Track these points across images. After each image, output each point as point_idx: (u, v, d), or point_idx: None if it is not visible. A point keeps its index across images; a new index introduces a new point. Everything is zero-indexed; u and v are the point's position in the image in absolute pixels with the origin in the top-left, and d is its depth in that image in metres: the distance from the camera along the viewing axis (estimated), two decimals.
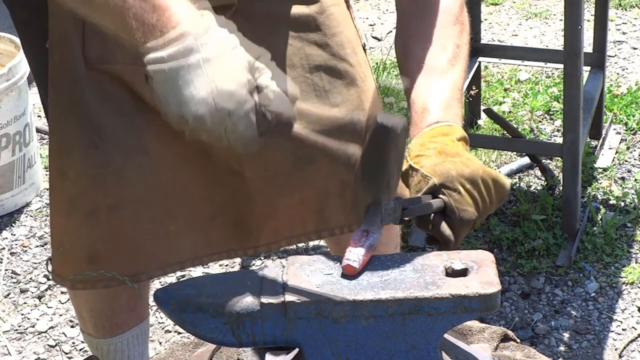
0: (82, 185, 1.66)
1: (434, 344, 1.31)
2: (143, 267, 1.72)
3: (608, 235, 2.98)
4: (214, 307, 1.30)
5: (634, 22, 4.34)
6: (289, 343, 1.33)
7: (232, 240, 1.76)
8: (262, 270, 1.36)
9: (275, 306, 1.29)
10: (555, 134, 3.54)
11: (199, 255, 1.75)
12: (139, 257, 1.71)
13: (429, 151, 1.47)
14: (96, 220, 1.67)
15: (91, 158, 1.62)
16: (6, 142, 3.22)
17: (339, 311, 1.29)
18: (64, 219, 1.71)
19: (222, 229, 1.74)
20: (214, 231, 1.73)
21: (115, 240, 1.69)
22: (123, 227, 1.68)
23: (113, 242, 1.69)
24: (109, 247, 1.69)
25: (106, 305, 1.90)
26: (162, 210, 1.68)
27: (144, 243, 1.70)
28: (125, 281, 1.69)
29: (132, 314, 1.94)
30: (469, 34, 1.69)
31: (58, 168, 1.69)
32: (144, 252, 1.71)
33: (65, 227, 1.71)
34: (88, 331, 1.98)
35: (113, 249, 1.69)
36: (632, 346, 2.66)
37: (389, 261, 1.36)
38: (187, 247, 1.73)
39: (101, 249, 1.69)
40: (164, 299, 1.33)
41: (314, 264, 1.36)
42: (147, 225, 1.69)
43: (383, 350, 1.31)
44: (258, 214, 1.74)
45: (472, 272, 1.33)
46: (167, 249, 1.72)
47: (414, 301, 1.28)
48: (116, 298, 1.88)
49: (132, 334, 1.95)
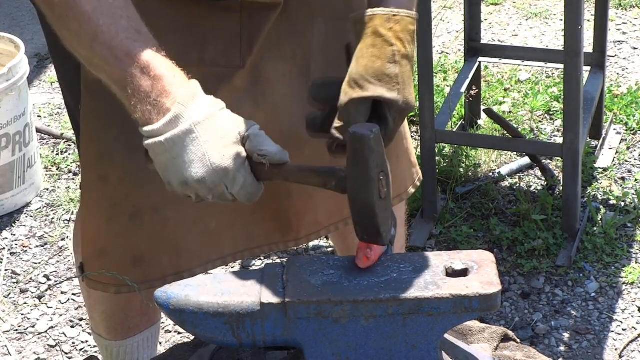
0: (126, 188, 1.66)
1: (434, 344, 1.31)
2: (185, 264, 1.72)
3: (608, 235, 2.98)
4: (214, 307, 1.30)
5: (634, 22, 4.34)
6: (289, 343, 1.33)
7: (273, 234, 1.77)
8: (262, 270, 1.36)
9: (275, 306, 1.29)
10: (555, 134, 3.54)
11: (240, 249, 1.76)
12: (181, 255, 1.72)
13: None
14: (140, 222, 1.68)
15: (134, 160, 1.60)
16: (6, 142, 3.22)
17: (339, 311, 1.29)
18: (105, 224, 1.70)
19: (263, 223, 1.75)
20: (255, 226, 1.75)
21: (159, 241, 1.70)
22: (166, 227, 1.69)
23: (156, 243, 1.70)
24: (152, 248, 1.70)
25: (120, 309, 1.90)
26: (203, 208, 1.67)
27: (185, 241, 1.71)
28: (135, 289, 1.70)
29: (145, 318, 1.94)
30: None
31: (98, 173, 1.68)
32: (186, 251, 1.72)
33: (108, 232, 1.70)
34: (99, 332, 1.98)
35: (157, 249, 1.70)
36: (632, 346, 2.66)
37: (389, 261, 1.36)
38: (228, 243, 1.74)
39: (145, 250, 1.70)
40: (164, 299, 1.33)
41: (314, 264, 1.37)
42: (189, 224, 1.70)
43: (383, 351, 1.31)
44: (297, 207, 1.75)
45: (472, 272, 1.33)
46: (208, 246, 1.73)
47: (414, 301, 1.28)
48: (130, 301, 1.88)
49: (143, 337, 1.95)
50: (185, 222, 1.70)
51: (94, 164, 1.68)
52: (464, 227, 3.05)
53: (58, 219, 3.27)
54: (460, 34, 4.12)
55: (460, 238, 3.01)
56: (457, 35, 4.29)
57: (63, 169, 3.52)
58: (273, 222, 1.76)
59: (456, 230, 3.05)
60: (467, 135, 3.35)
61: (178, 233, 1.70)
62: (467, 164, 3.30)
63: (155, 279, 1.70)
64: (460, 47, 4.00)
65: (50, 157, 3.57)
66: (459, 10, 4.47)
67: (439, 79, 3.88)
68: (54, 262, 3.09)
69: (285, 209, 1.75)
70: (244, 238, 1.75)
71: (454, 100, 3.22)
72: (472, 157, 3.33)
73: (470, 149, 3.35)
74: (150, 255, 1.71)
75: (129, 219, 1.68)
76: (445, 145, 3.33)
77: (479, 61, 3.41)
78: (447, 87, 3.76)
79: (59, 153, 3.61)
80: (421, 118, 2.99)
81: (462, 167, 3.28)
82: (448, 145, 3.34)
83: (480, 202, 3.18)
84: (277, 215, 1.75)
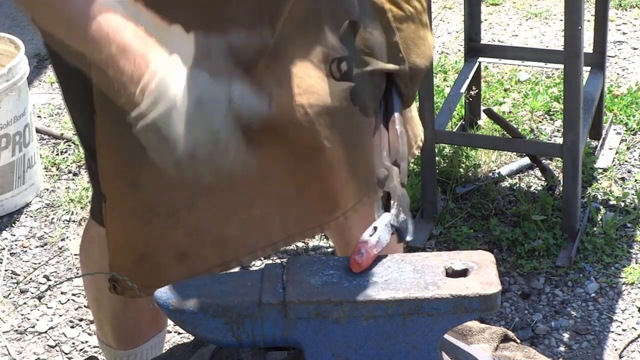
0: (157, 189, 1.63)
1: (434, 344, 1.31)
2: (232, 254, 1.69)
3: (608, 236, 2.98)
4: (214, 307, 1.30)
5: (634, 22, 4.34)
6: (289, 343, 1.33)
7: (322, 214, 1.74)
8: (262, 270, 1.36)
9: (275, 306, 1.29)
10: (555, 134, 3.54)
11: (291, 233, 1.73)
12: (224, 245, 1.69)
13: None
14: (177, 219, 1.65)
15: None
16: (6, 142, 3.22)
17: (339, 311, 1.29)
18: (143, 229, 1.67)
19: (310, 204, 1.72)
20: (303, 208, 1.71)
21: (199, 234, 1.67)
22: (203, 219, 1.66)
23: (197, 237, 1.67)
24: (194, 243, 1.67)
25: (131, 318, 1.89)
26: (243, 196, 1.66)
27: (227, 231, 1.68)
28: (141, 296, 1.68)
29: (153, 325, 1.93)
30: None
31: (126, 182, 1.64)
32: (229, 240, 1.69)
33: (147, 236, 1.67)
34: (108, 342, 1.97)
35: (198, 243, 1.67)
36: (632, 346, 2.66)
37: (389, 261, 1.36)
38: (277, 229, 1.71)
39: (187, 246, 1.67)
40: (164, 299, 1.33)
41: (314, 264, 1.37)
42: (228, 213, 1.67)
43: (383, 351, 1.31)
44: (341, 181, 1.72)
45: (472, 273, 1.33)
46: (255, 233, 1.70)
47: (414, 301, 1.28)
48: (140, 311, 1.86)
49: (151, 344, 1.95)
50: (223, 212, 1.66)
51: (120, 173, 1.64)
52: (464, 228, 3.05)
53: (58, 219, 3.27)
54: (460, 34, 4.12)
55: (460, 238, 3.01)
56: (457, 35, 4.29)
57: (63, 169, 3.52)
58: (321, 200, 1.72)
59: (456, 230, 3.05)
60: (467, 135, 3.35)
61: (217, 224, 1.67)
62: (467, 164, 3.30)
63: (201, 272, 1.67)
64: (460, 47, 4.00)
65: (50, 158, 3.57)
66: (459, 10, 4.47)
67: (439, 79, 3.88)
68: (54, 262, 3.09)
69: (330, 184, 1.71)
70: (293, 221, 1.72)
71: (454, 100, 3.22)
72: (472, 158, 3.33)
73: (470, 149, 3.35)
74: (193, 250, 1.68)
75: (166, 218, 1.65)
76: (445, 145, 3.33)
77: (479, 61, 3.41)
78: (447, 88, 3.76)
79: (58, 153, 3.61)
80: (421, 118, 2.98)
81: (462, 168, 3.28)
82: (448, 146, 3.34)
83: (480, 202, 3.18)
84: (323, 193, 1.72)
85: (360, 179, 1.74)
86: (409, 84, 1.46)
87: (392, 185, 1.40)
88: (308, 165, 1.67)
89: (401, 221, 1.38)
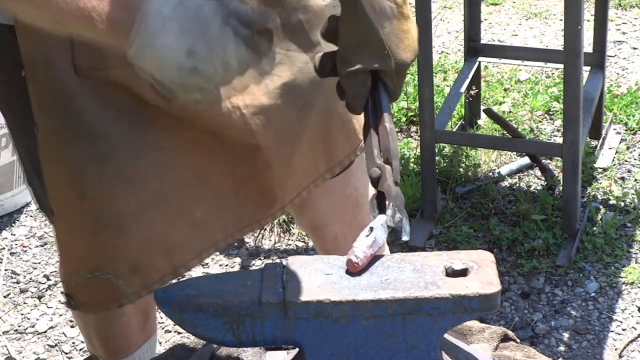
0: (105, 199, 1.61)
1: (434, 344, 1.31)
2: (180, 260, 1.69)
3: (608, 235, 2.98)
4: (214, 307, 1.30)
5: (634, 22, 4.34)
6: (289, 343, 1.33)
7: (259, 210, 1.75)
8: (262, 270, 1.36)
9: (275, 306, 1.29)
10: (555, 134, 3.54)
11: (231, 231, 1.74)
12: (174, 252, 1.69)
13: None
14: (127, 229, 1.63)
15: (107, 169, 1.58)
16: (6, 142, 3.22)
17: (339, 311, 1.29)
18: (93, 240, 1.64)
19: (247, 202, 1.73)
20: (240, 206, 1.72)
21: (149, 243, 1.66)
22: (152, 228, 1.65)
23: (148, 246, 1.66)
24: (145, 252, 1.66)
25: (119, 331, 1.88)
26: (185, 200, 1.66)
27: (175, 237, 1.68)
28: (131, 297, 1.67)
29: (142, 333, 1.93)
30: None
31: (73, 192, 1.62)
32: (178, 246, 1.68)
33: (98, 248, 1.65)
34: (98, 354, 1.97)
35: (150, 252, 1.67)
36: (632, 346, 2.66)
37: (389, 261, 1.36)
38: (218, 228, 1.72)
39: (139, 256, 1.66)
40: (164, 299, 1.33)
41: (314, 263, 1.36)
42: (174, 217, 1.66)
43: (383, 351, 1.31)
44: (278, 177, 1.73)
45: (472, 272, 1.33)
46: (198, 236, 1.70)
47: (414, 301, 1.28)
48: (128, 323, 1.86)
49: (143, 351, 1.94)
50: (170, 217, 1.66)
51: (67, 184, 1.61)
52: (464, 227, 3.05)
53: None
54: (460, 34, 4.12)
55: (460, 238, 3.01)
56: (457, 35, 4.29)
57: None
58: (258, 197, 1.73)
59: (456, 230, 3.05)
60: (467, 135, 3.35)
61: (166, 231, 1.67)
62: (467, 164, 3.30)
63: (154, 282, 1.68)
64: (460, 47, 4.00)
65: None
66: (458, 10, 4.47)
67: (439, 79, 3.88)
68: (54, 262, 3.09)
69: (267, 181, 1.72)
70: (232, 220, 1.73)
71: (454, 100, 3.22)
72: (472, 157, 3.33)
73: (470, 149, 3.35)
74: (145, 260, 1.67)
75: (115, 230, 1.63)
76: (445, 145, 3.33)
77: (479, 61, 3.42)
78: (447, 87, 3.76)
79: None
80: (421, 118, 2.99)
81: (462, 167, 3.28)
82: (448, 145, 3.34)
83: (480, 202, 3.18)
84: (260, 190, 1.73)
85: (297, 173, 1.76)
86: (396, 79, 1.46)
87: (386, 185, 1.40)
88: (244, 164, 1.69)
89: (397, 221, 1.37)
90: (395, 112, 3.64)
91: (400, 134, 3.60)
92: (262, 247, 3.13)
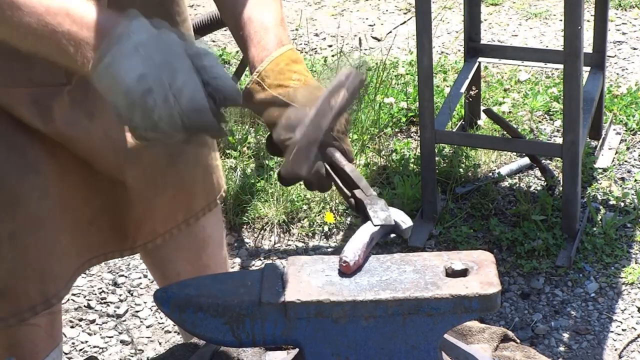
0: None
1: (434, 344, 1.31)
2: (53, 289, 1.67)
3: (608, 236, 2.98)
4: (214, 307, 1.30)
5: (634, 22, 4.34)
6: (289, 343, 1.33)
7: (109, 243, 1.75)
8: (262, 270, 1.36)
9: (275, 306, 1.29)
10: (555, 134, 3.54)
11: (82, 261, 1.73)
12: (47, 280, 1.65)
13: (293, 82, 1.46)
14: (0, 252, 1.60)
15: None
16: None
17: (339, 311, 1.29)
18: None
19: (99, 233, 1.73)
20: (93, 236, 1.72)
21: (22, 269, 1.63)
22: (27, 253, 1.62)
23: (20, 272, 1.63)
24: (17, 278, 1.63)
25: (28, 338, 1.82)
26: (58, 227, 1.64)
27: (48, 264, 1.65)
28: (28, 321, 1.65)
29: (49, 339, 1.88)
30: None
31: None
32: (50, 274, 1.66)
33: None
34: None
35: (21, 278, 1.63)
36: (632, 346, 2.66)
37: (389, 261, 1.36)
38: (74, 256, 1.71)
39: (9, 281, 1.62)
40: (164, 299, 1.33)
41: (314, 264, 1.36)
42: (48, 245, 1.64)
43: (383, 351, 1.31)
44: (136, 217, 1.74)
45: (472, 273, 1.33)
46: (66, 264, 1.68)
47: (414, 301, 1.28)
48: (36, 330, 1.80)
49: (50, 359, 1.91)
50: (44, 243, 1.63)
51: None
52: (464, 228, 3.05)
53: None
54: (460, 34, 4.12)
55: (460, 238, 3.01)
56: (456, 35, 4.29)
57: None
58: (110, 231, 1.74)
59: (456, 230, 3.05)
60: (467, 135, 3.35)
61: (40, 257, 1.63)
62: (466, 164, 3.30)
63: (25, 311, 1.65)
64: (460, 48, 4.01)
65: None
66: (458, 10, 4.47)
67: (439, 79, 3.88)
68: None
69: (124, 218, 1.73)
70: (85, 248, 1.72)
71: (454, 100, 3.22)
72: (471, 158, 3.34)
73: (470, 149, 3.35)
74: (14, 286, 1.63)
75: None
76: (445, 145, 3.33)
77: (479, 61, 3.42)
78: (447, 88, 3.76)
79: None
80: (421, 118, 2.99)
81: (461, 168, 3.28)
82: (448, 146, 3.34)
83: (480, 202, 3.18)
84: (113, 226, 1.73)
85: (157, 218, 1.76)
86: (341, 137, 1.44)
87: (366, 194, 1.40)
88: (105, 196, 1.69)
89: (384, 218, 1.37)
90: (395, 112, 3.64)
91: (400, 134, 3.60)
92: (262, 247, 3.13)
